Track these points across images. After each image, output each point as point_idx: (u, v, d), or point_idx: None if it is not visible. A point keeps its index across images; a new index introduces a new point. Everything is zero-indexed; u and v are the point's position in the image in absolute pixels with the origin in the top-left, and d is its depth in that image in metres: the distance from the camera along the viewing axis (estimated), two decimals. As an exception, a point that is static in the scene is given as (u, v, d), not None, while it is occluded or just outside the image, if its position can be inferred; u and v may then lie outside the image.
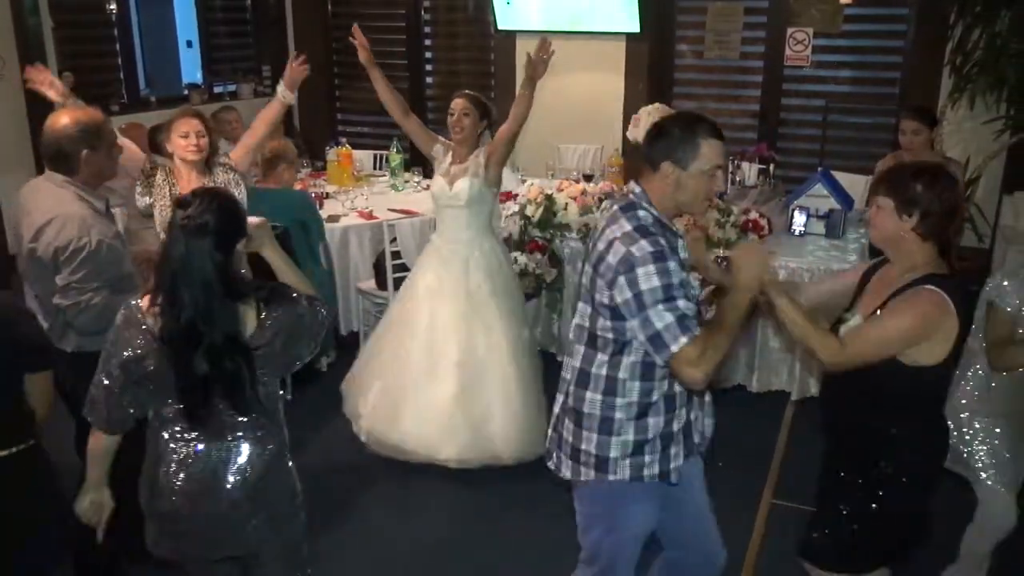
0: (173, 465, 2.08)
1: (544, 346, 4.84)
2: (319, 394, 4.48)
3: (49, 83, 3.42)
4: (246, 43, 8.08)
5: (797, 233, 4.65)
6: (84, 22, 6.62)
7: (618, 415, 2.17)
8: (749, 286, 2.10)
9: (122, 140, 3.32)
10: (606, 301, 2.10)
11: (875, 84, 6.22)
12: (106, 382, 2.06)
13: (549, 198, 4.77)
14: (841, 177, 5.03)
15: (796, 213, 4.68)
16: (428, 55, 7.63)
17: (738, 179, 5.28)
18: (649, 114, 5.37)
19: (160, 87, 7.36)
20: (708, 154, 2.11)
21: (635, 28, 6.25)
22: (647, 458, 2.19)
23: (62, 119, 2.66)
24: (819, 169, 4.96)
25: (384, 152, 6.41)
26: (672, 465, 2.21)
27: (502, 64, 7.07)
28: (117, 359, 2.03)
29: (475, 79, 7.31)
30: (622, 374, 2.15)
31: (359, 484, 3.81)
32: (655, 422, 2.18)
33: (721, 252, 4.18)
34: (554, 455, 2.34)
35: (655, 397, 2.16)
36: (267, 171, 4.44)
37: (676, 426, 2.21)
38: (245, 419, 2.06)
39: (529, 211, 4.75)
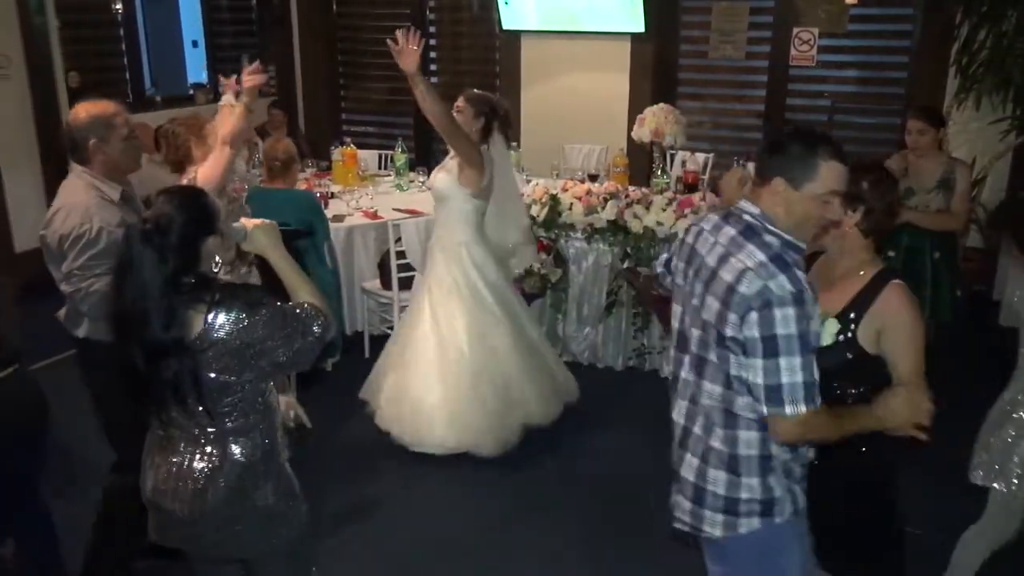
0: (161, 464, 2.08)
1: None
2: (324, 394, 4.48)
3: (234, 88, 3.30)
4: (251, 43, 8.09)
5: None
6: (90, 22, 6.64)
7: (774, 450, 1.98)
8: (891, 423, 2.03)
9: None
10: (740, 337, 1.89)
11: (881, 84, 6.21)
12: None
13: (554, 198, 4.77)
14: (847, 177, 5.01)
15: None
16: (433, 55, 7.63)
17: (743, 179, 5.27)
18: (654, 114, 5.37)
19: (165, 87, 7.39)
20: (826, 177, 1.93)
21: (640, 28, 6.25)
22: (797, 487, 2.04)
23: (79, 111, 2.73)
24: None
25: (389, 152, 6.42)
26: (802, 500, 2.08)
27: (507, 63, 7.08)
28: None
29: (480, 78, 7.30)
30: None
31: (365, 484, 3.81)
32: (803, 451, 2.04)
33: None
34: (690, 515, 2.08)
35: None
36: (283, 172, 4.40)
37: (812, 453, 2.10)
38: (229, 421, 2.03)
39: (534, 211, 4.75)
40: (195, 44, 8.13)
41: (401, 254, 4.70)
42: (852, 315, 2.20)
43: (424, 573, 3.27)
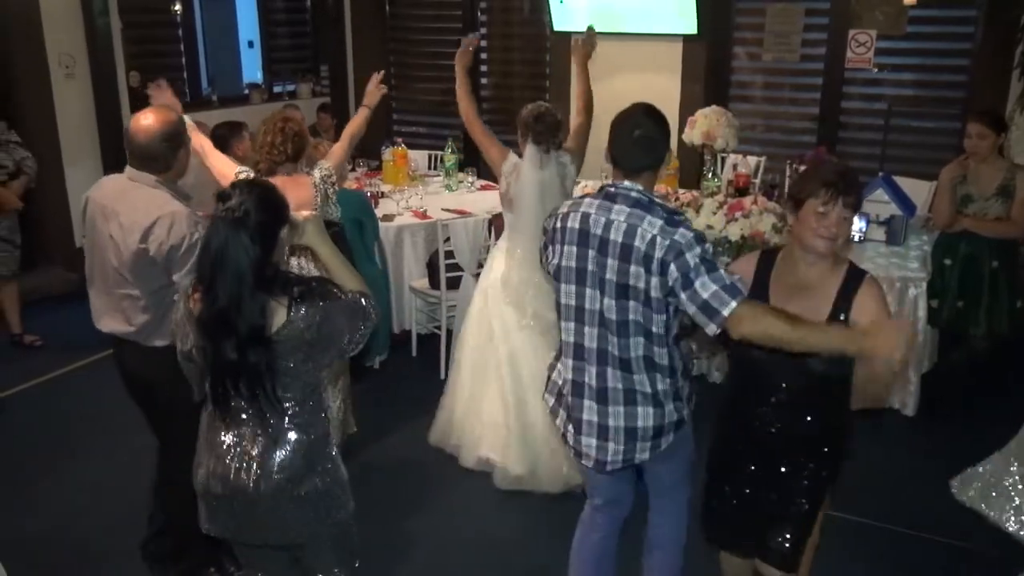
0: (216, 449, 2.16)
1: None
2: (371, 391, 4.53)
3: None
4: (305, 43, 8.21)
5: (856, 239, 4.56)
6: (151, 22, 6.80)
7: (679, 381, 2.44)
8: (866, 352, 2.07)
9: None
10: (658, 294, 2.26)
11: (940, 87, 6.06)
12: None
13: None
14: (903, 182, 4.92)
15: (856, 219, 4.57)
16: (484, 55, 7.66)
17: (795, 183, 5.19)
18: (706, 116, 5.31)
19: (222, 87, 7.52)
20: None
21: (692, 29, 6.19)
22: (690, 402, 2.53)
23: (150, 121, 2.73)
24: (880, 174, 4.86)
25: (439, 152, 6.46)
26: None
27: (557, 65, 7.07)
28: (177, 346, 2.19)
29: (530, 80, 7.32)
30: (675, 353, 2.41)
31: (408, 481, 3.84)
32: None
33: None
34: (623, 454, 2.45)
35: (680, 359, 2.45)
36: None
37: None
38: (288, 408, 2.12)
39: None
40: (251, 44, 8.25)
41: (449, 254, 4.73)
42: (842, 315, 2.26)
43: (466, 573, 3.29)
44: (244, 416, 2.12)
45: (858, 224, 4.57)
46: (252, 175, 3.41)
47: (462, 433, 3.89)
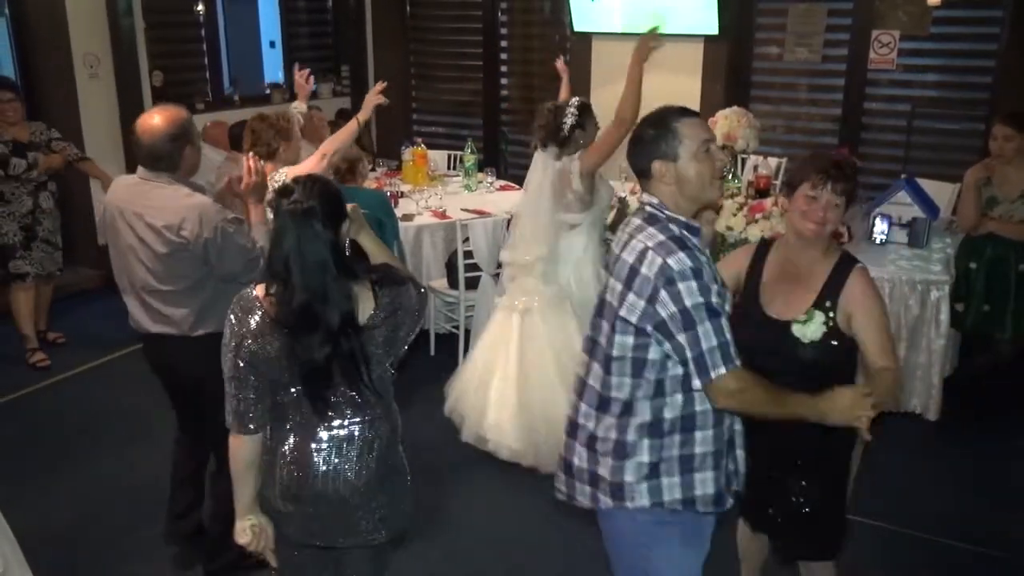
0: (298, 451, 2.08)
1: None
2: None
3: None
4: (326, 44, 8.25)
5: (878, 241, 4.53)
6: (174, 23, 6.85)
7: (630, 437, 2.02)
8: (832, 418, 2.01)
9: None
10: (633, 320, 1.95)
11: (965, 89, 5.99)
12: (228, 374, 2.06)
13: (622, 201, 4.73)
14: (926, 184, 4.87)
15: (877, 220, 4.55)
16: (504, 56, 7.66)
17: (817, 185, 5.16)
18: (726, 117, 5.28)
19: (243, 86, 7.57)
20: (689, 133, 2.01)
21: (713, 30, 6.16)
22: (664, 480, 2.02)
23: (156, 120, 2.74)
24: (903, 176, 4.82)
25: (458, 152, 6.47)
26: (698, 492, 2.03)
27: (577, 66, 7.05)
28: (234, 349, 2.02)
29: (549, 81, 7.27)
30: (640, 393, 2.01)
31: (425, 480, 3.84)
32: (669, 441, 2.02)
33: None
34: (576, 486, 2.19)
35: (667, 415, 2.01)
36: (350, 175, 4.47)
37: (699, 448, 2.03)
38: (362, 402, 2.08)
39: (602, 214, 4.72)
40: (272, 45, 8.31)
41: (468, 254, 4.74)
42: (828, 303, 2.28)
43: (488, 570, 3.29)
44: (343, 411, 2.08)
45: (880, 227, 4.54)
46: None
47: (468, 407, 3.95)
